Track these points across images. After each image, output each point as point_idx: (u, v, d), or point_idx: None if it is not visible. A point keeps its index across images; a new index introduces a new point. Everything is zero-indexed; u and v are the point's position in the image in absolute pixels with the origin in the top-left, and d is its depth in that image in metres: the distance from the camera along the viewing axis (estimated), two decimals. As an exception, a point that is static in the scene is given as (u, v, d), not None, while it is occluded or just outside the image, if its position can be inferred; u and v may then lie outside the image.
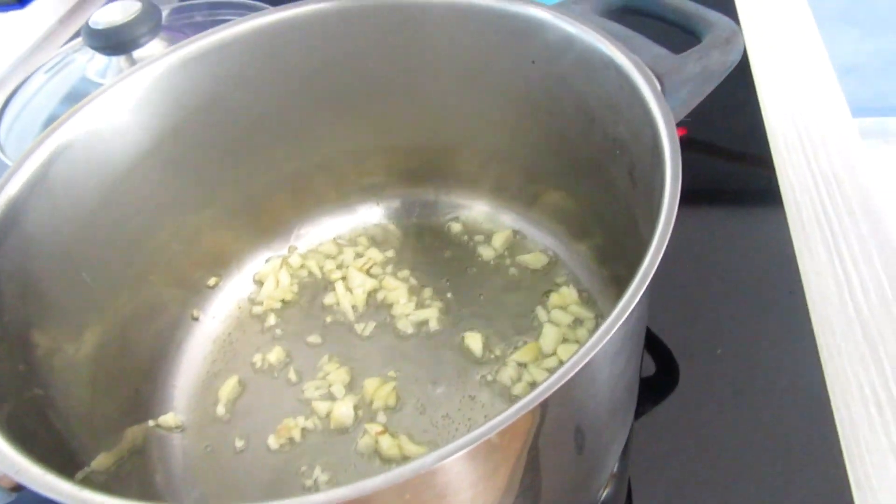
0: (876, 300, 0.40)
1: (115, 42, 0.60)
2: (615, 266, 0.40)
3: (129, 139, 0.39)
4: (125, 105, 0.38)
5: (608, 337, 0.21)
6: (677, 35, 0.37)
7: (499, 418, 0.21)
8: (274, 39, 0.42)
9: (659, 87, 0.29)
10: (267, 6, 0.67)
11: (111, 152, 0.38)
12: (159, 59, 0.39)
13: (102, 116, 0.37)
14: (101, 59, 0.63)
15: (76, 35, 0.81)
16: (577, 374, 0.21)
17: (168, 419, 0.40)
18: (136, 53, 0.62)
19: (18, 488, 0.25)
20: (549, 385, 0.21)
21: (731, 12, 0.63)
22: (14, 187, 0.33)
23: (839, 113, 0.51)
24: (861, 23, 1.67)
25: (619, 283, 0.40)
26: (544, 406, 0.21)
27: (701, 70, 0.32)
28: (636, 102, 0.30)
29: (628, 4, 0.38)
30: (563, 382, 0.20)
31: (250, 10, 0.69)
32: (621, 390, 0.28)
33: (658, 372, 0.40)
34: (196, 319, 0.45)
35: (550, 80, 0.37)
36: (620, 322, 0.21)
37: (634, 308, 0.22)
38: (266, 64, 0.42)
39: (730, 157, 0.50)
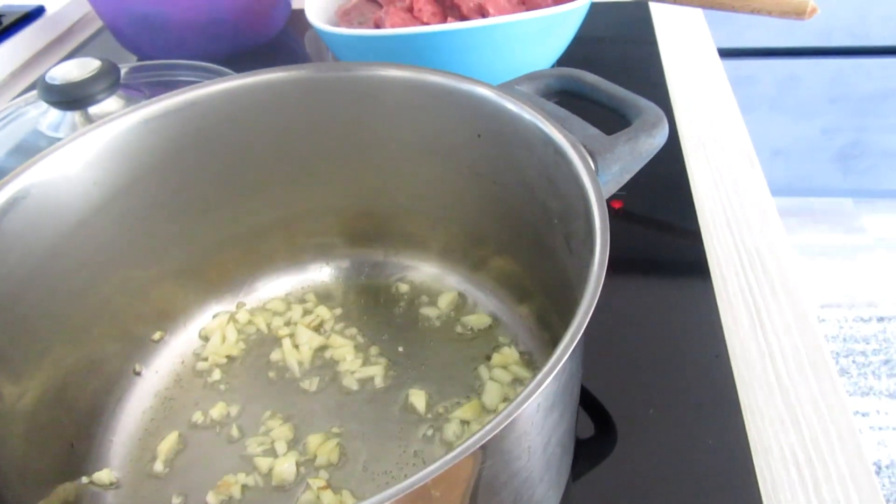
0: (794, 367, 0.43)
1: (72, 98, 0.61)
2: (554, 328, 0.42)
3: (81, 193, 0.39)
4: (81, 160, 0.39)
5: (540, 389, 0.23)
6: (610, 117, 0.41)
7: (431, 467, 0.22)
8: (233, 104, 0.43)
9: (592, 165, 0.31)
10: (227, 70, 0.70)
11: (63, 206, 0.38)
12: (119, 117, 0.41)
13: (57, 170, 0.38)
14: (54, 113, 0.64)
15: (28, 89, 0.81)
16: (510, 423, 0.22)
17: (102, 475, 0.39)
18: (92, 109, 0.63)
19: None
20: (483, 434, 0.22)
21: (665, 98, 0.68)
22: (-37, 236, 0.33)
23: (760, 195, 0.55)
24: (789, 110, 1.80)
25: (556, 345, 0.42)
26: (476, 456, 0.22)
27: (630, 150, 0.35)
28: (571, 177, 0.33)
29: (566, 88, 0.42)
30: (496, 431, 0.22)
31: (208, 71, 0.71)
32: (555, 445, 0.29)
33: (597, 433, 0.42)
34: (138, 374, 0.44)
35: (495, 152, 0.40)
36: (552, 375, 0.23)
37: (565, 363, 0.23)
38: (224, 127, 0.44)
39: (662, 230, 0.53)
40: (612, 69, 0.49)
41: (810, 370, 0.43)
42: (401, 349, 0.45)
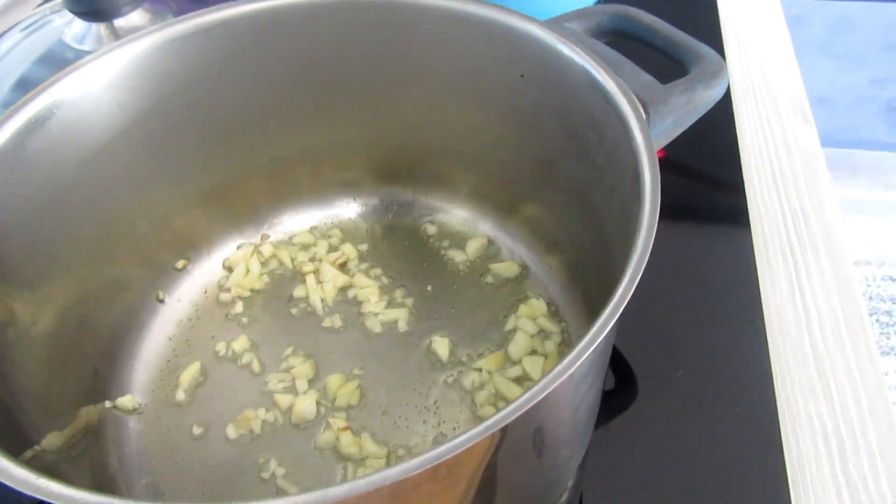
0: (831, 336, 0.41)
1: (96, 8, 0.59)
2: (585, 283, 0.41)
3: (105, 114, 0.38)
4: (105, 79, 0.37)
5: (578, 363, 0.22)
6: (663, 63, 0.38)
7: (462, 438, 0.21)
8: (264, 27, 0.41)
9: (644, 116, 0.29)
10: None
11: (88, 127, 0.37)
12: (144, 35, 0.39)
13: (81, 89, 0.37)
14: (79, 25, 0.62)
15: (54, -4, 0.79)
16: (542, 399, 0.21)
17: (126, 401, 0.39)
18: (118, 22, 0.61)
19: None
20: (514, 409, 0.21)
21: (717, 37, 0.64)
22: (-14, 155, 0.32)
23: (812, 150, 0.52)
24: (838, 56, 1.71)
25: (587, 301, 0.41)
26: (505, 429, 0.21)
27: (685, 102, 0.32)
28: (620, 128, 0.30)
29: (619, 28, 0.39)
30: (528, 407, 0.21)
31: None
32: (584, 411, 0.29)
33: (617, 387, 0.41)
34: (161, 301, 0.44)
35: (537, 95, 0.38)
36: (591, 349, 0.22)
37: (605, 336, 0.22)
38: (253, 51, 0.41)
39: (704, 183, 0.51)
40: (664, 4, 0.45)
41: (847, 338, 0.41)
42: (426, 293, 0.44)
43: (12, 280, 0.33)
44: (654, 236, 0.25)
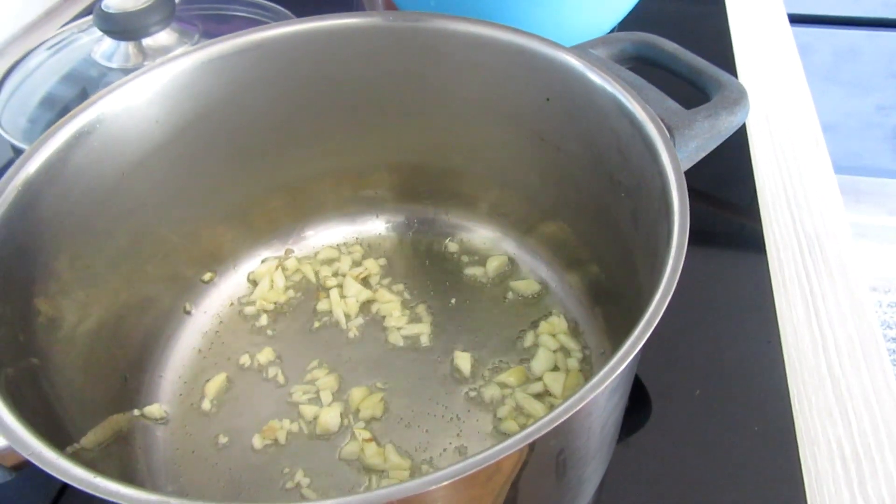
0: (847, 360, 0.42)
1: (127, 27, 0.60)
2: (606, 302, 0.42)
3: (144, 131, 0.39)
4: (145, 96, 0.39)
5: (613, 377, 0.22)
6: (683, 89, 0.39)
7: (486, 453, 0.21)
8: (295, 49, 0.42)
9: (671, 141, 0.30)
10: (280, 7, 0.68)
11: (127, 142, 0.38)
12: (183, 55, 0.40)
13: (122, 106, 0.38)
14: (108, 42, 0.63)
15: (81, 15, 0.81)
16: (574, 414, 0.22)
17: (153, 410, 0.40)
18: (146, 41, 0.63)
19: (19, 467, 0.25)
20: (539, 426, 0.21)
21: (729, 65, 0.65)
22: (33, 167, 0.33)
23: (825, 176, 0.53)
24: (844, 84, 1.73)
25: (607, 320, 0.42)
26: (532, 445, 0.22)
27: (709, 127, 0.33)
28: (647, 152, 0.31)
29: (642, 55, 0.40)
30: (552, 427, 0.21)
31: (262, 8, 0.70)
32: (610, 427, 0.29)
33: (630, 406, 0.42)
34: (188, 313, 0.45)
35: (562, 118, 0.39)
36: (625, 365, 0.23)
37: (637, 352, 0.23)
38: (284, 72, 0.43)
39: (720, 207, 0.52)
40: (676, 30, 0.46)
41: (864, 363, 0.42)
42: (447, 309, 0.45)
43: (57, 283, 0.34)
44: (684, 256, 0.26)
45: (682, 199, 0.28)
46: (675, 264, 0.25)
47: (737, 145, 0.56)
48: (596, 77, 0.35)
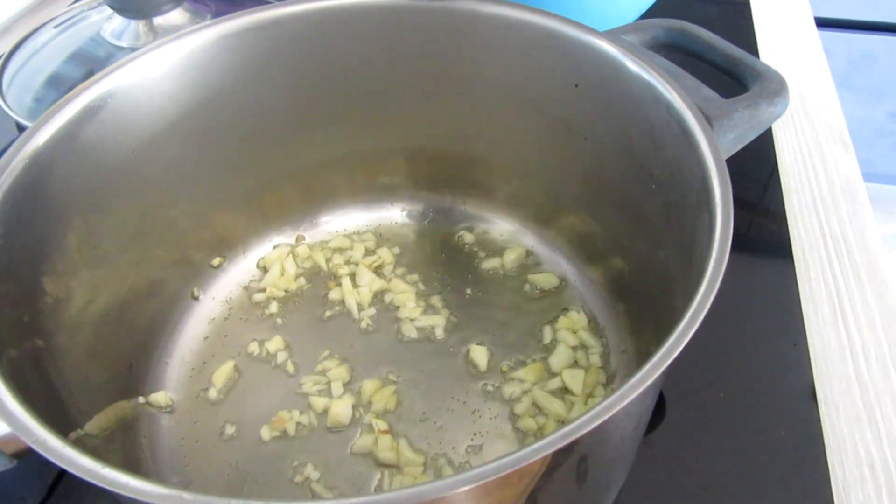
0: (876, 365, 0.40)
1: (138, 5, 0.59)
2: (629, 298, 0.40)
3: (156, 107, 0.38)
4: (158, 71, 0.37)
5: (650, 381, 0.21)
6: (719, 79, 0.38)
7: (509, 458, 0.20)
8: (315, 27, 0.41)
9: (711, 131, 0.29)
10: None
11: (139, 118, 0.37)
12: (198, 30, 0.39)
13: (135, 80, 0.36)
14: (118, 21, 0.62)
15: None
16: (599, 424, 0.20)
17: (159, 397, 0.39)
18: (157, 20, 0.61)
19: (20, 455, 0.24)
20: (569, 431, 0.20)
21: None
22: (41, 139, 0.32)
23: (852, 178, 0.52)
24: (857, 90, 1.71)
25: (630, 316, 0.40)
26: (559, 451, 0.20)
27: (749, 117, 0.32)
28: (685, 142, 0.30)
29: (674, 42, 0.39)
30: (576, 436, 0.20)
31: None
32: (635, 435, 0.28)
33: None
34: (196, 299, 0.43)
35: (592, 106, 0.37)
36: (663, 368, 0.21)
37: (675, 356, 0.22)
38: (302, 51, 0.41)
39: (745, 207, 0.50)
40: (700, 26, 0.45)
41: (892, 367, 0.40)
42: (462, 301, 0.44)
43: (66, 262, 0.33)
44: (728, 250, 0.25)
45: (725, 191, 0.27)
46: (718, 258, 0.24)
47: (763, 144, 0.55)
48: (630, 63, 0.33)
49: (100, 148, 0.35)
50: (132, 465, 0.35)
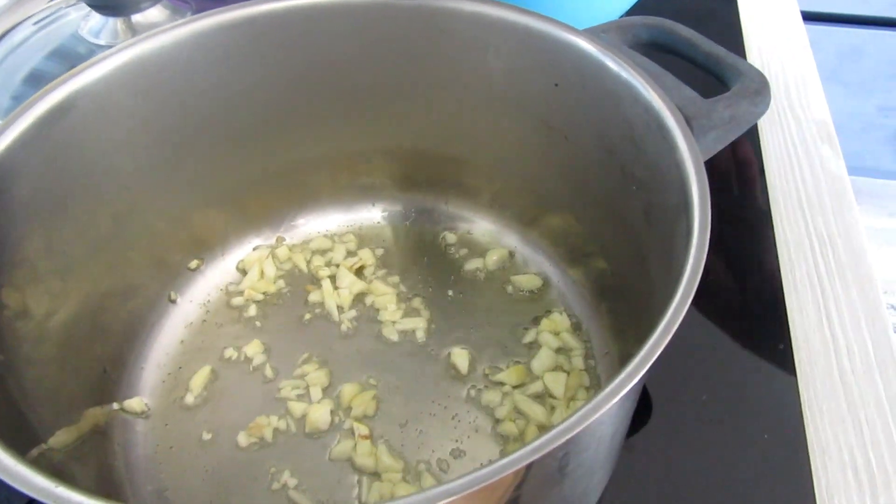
0: (860, 365, 0.40)
1: (115, 3, 0.58)
2: (611, 299, 0.40)
3: (128, 108, 0.37)
4: (130, 71, 0.36)
5: (630, 384, 0.20)
6: (699, 78, 0.37)
7: (490, 469, 0.19)
8: (290, 26, 0.40)
9: (690, 132, 0.28)
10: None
11: (109, 120, 0.36)
12: (171, 28, 0.38)
13: (105, 81, 0.35)
14: (96, 19, 0.61)
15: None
16: (580, 431, 0.20)
17: (133, 403, 0.38)
18: (135, 18, 0.60)
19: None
20: (551, 438, 0.20)
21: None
22: (4, 143, 0.31)
23: (838, 176, 0.52)
24: (846, 84, 1.71)
25: (613, 317, 0.40)
26: (542, 458, 0.20)
27: (729, 117, 0.31)
28: (664, 143, 0.30)
29: (656, 40, 0.38)
30: (550, 448, 0.19)
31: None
32: (616, 440, 0.28)
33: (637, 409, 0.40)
34: (173, 302, 0.43)
35: (572, 105, 0.37)
36: (644, 370, 0.21)
37: (656, 357, 0.21)
38: (278, 50, 0.41)
39: (729, 205, 0.50)
40: (685, 23, 0.44)
41: (877, 370, 0.40)
42: (444, 303, 0.43)
43: (28, 273, 0.32)
44: (705, 255, 0.24)
45: (703, 194, 0.26)
46: (695, 264, 0.24)
47: (749, 143, 0.54)
48: (610, 62, 0.33)
49: (70, 149, 0.34)
50: (105, 473, 0.34)
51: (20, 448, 0.22)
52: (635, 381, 0.21)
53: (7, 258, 0.30)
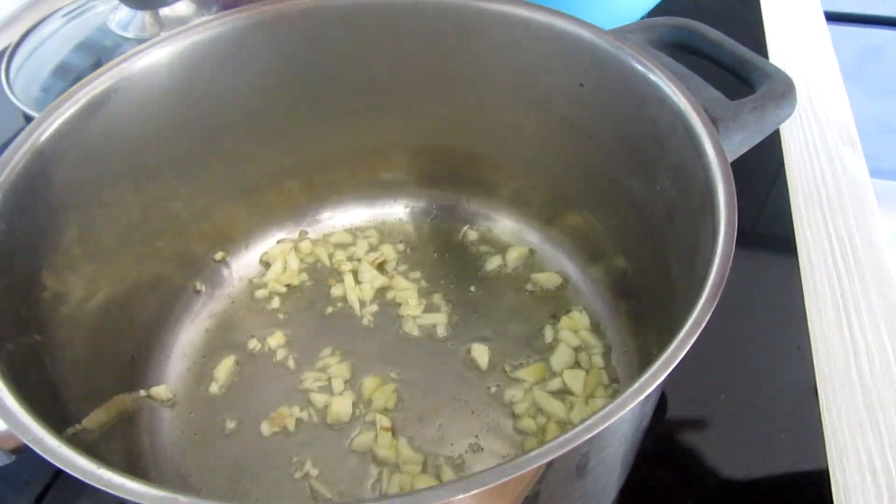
0: (879, 368, 0.40)
1: (145, -3, 0.59)
2: (631, 298, 0.40)
3: (162, 101, 0.38)
4: (164, 66, 0.37)
5: (655, 384, 0.21)
6: (726, 79, 0.37)
7: (513, 463, 0.20)
8: (319, 22, 0.41)
9: (717, 134, 0.29)
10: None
11: (142, 113, 0.37)
12: (202, 25, 0.38)
13: (140, 75, 0.36)
14: (124, 12, 0.62)
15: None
16: (603, 429, 0.20)
17: (160, 391, 0.39)
18: (163, 11, 0.61)
19: (19, 451, 0.24)
20: (565, 440, 0.20)
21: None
22: (45, 134, 0.32)
23: (860, 178, 0.51)
24: (865, 85, 1.69)
25: (632, 316, 0.40)
26: (562, 456, 0.20)
27: (755, 120, 0.32)
28: (690, 144, 0.30)
29: (681, 41, 0.38)
30: (574, 444, 0.20)
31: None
32: (636, 438, 0.28)
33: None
34: (198, 292, 0.43)
35: (597, 105, 0.37)
36: (668, 371, 0.21)
37: (681, 358, 0.22)
38: (307, 46, 0.41)
39: (749, 204, 0.50)
40: (707, 23, 0.44)
41: (896, 373, 0.40)
42: (464, 299, 0.44)
43: (64, 257, 0.33)
44: (731, 256, 0.24)
45: (729, 195, 0.26)
46: (721, 267, 0.24)
47: (769, 141, 0.54)
48: (635, 63, 0.33)
49: (104, 141, 0.35)
50: (132, 458, 0.35)
51: (57, 427, 0.23)
52: (660, 380, 0.21)
53: (46, 243, 0.31)
